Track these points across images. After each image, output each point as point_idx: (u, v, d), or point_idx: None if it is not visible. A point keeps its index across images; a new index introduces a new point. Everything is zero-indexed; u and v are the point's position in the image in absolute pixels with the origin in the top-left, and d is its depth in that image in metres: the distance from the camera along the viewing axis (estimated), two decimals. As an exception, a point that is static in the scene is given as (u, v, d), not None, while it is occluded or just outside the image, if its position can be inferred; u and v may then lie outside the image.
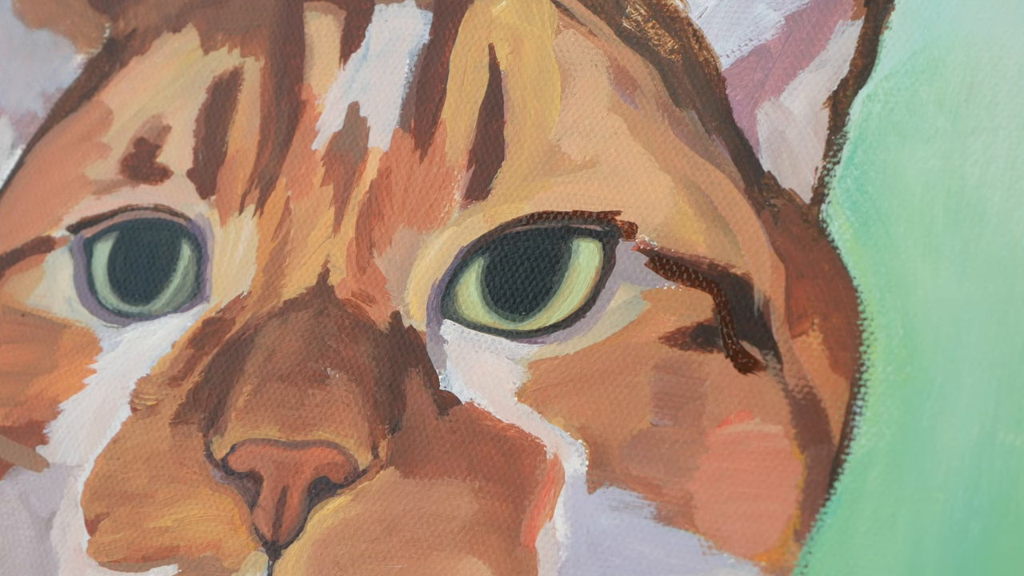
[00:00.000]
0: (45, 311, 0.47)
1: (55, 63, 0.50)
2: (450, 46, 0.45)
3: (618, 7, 0.44)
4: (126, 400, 0.44)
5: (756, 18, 0.43)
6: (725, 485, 0.39)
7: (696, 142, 0.42)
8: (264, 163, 0.45)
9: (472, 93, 0.44)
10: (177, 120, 0.47)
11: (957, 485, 0.38)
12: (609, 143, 0.42)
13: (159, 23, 0.49)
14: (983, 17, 0.40)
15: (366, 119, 0.44)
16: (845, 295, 0.40)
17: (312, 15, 0.46)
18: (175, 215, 0.46)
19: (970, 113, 0.40)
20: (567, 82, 0.43)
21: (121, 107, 0.48)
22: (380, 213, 0.43)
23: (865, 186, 0.40)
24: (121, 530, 0.43)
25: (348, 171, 0.44)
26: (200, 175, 0.46)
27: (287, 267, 0.43)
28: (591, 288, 0.41)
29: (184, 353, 0.44)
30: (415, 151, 0.44)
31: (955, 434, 0.38)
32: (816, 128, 0.41)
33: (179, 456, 0.42)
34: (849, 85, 0.41)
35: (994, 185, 0.39)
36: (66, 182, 0.48)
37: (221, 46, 0.47)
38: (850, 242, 0.40)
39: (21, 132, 0.50)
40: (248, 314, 0.43)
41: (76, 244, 0.47)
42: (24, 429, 0.45)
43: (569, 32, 0.44)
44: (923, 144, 0.40)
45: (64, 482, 0.44)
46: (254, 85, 0.46)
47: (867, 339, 0.39)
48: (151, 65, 0.48)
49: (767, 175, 0.42)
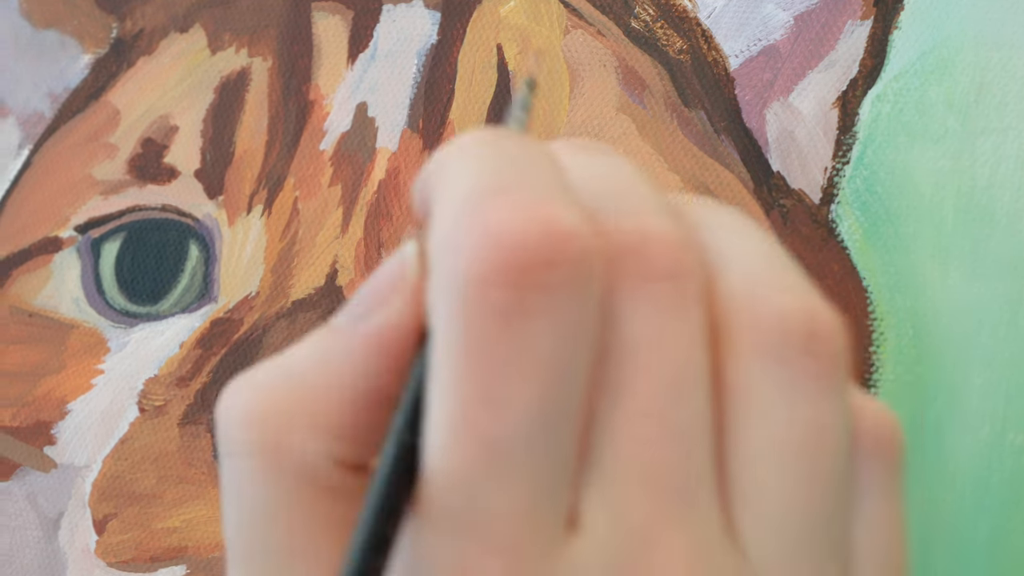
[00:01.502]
0: (53, 311, 0.47)
1: (62, 63, 0.50)
2: (458, 46, 0.44)
3: (627, 7, 0.44)
4: (134, 401, 0.44)
5: (765, 18, 0.42)
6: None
7: (705, 142, 0.42)
8: (272, 163, 0.45)
9: (480, 93, 0.44)
10: (185, 120, 0.47)
11: (967, 485, 0.38)
12: (618, 143, 0.42)
13: (166, 23, 0.49)
14: (992, 17, 0.40)
15: (374, 119, 0.44)
16: (855, 295, 0.40)
17: (320, 15, 0.46)
18: (183, 215, 0.46)
19: (980, 113, 0.40)
20: (575, 82, 0.43)
21: (128, 107, 0.48)
22: (388, 213, 0.43)
23: (874, 186, 0.40)
24: (129, 531, 0.43)
25: (356, 171, 0.44)
26: (208, 175, 0.46)
27: (295, 267, 0.43)
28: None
29: (192, 353, 0.44)
30: (423, 151, 0.43)
31: (965, 434, 0.38)
32: (825, 128, 0.41)
33: (187, 457, 0.42)
34: (858, 85, 0.41)
35: (1004, 185, 0.39)
36: (73, 182, 0.48)
37: (228, 46, 0.47)
38: (859, 242, 0.40)
39: (28, 132, 0.50)
40: (256, 315, 0.43)
41: (84, 244, 0.47)
42: (32, 430, 0.45)
43: (577, 32, 0.44)
44: (933, 144, 0.40)
45: (72, 483, 0.44)
46: (262, 85, 0.46)
47: (877, 339, 0.39)
48: (158, 65, 0.48)
49: (776, 175, 0.41)
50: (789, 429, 0.25)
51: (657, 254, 0.25)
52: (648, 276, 0.25)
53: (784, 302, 0.26)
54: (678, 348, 0.25)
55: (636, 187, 0.27)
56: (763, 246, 0.27)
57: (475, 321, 0.24)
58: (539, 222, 0.24)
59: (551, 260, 0.24)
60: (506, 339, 0.24)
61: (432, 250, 0.25)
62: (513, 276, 0.24)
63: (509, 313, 0.24)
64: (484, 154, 0.26)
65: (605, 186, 0.26)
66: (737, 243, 0.27)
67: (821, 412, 0.25)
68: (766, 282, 0.26)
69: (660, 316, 0.25)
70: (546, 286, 0.24)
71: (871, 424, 0.27)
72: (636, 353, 0.25)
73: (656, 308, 0.25)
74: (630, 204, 0.26)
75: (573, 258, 0.24)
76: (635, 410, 0.25)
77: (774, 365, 0.25)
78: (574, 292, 0.24)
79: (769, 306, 0.26)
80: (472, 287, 0.24)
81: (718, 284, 0.26)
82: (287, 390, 0.26)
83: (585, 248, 0.24)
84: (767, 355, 0.26)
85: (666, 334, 0.25)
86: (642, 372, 0.25)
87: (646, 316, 0.25)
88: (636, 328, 0.25)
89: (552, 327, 0.24)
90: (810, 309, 0.26)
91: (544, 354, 0.24)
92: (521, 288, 0.24)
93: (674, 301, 0.25)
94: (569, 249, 0.24)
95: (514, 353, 0.24)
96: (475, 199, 0.24)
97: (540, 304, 0.24)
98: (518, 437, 0.24)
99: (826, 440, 0.26)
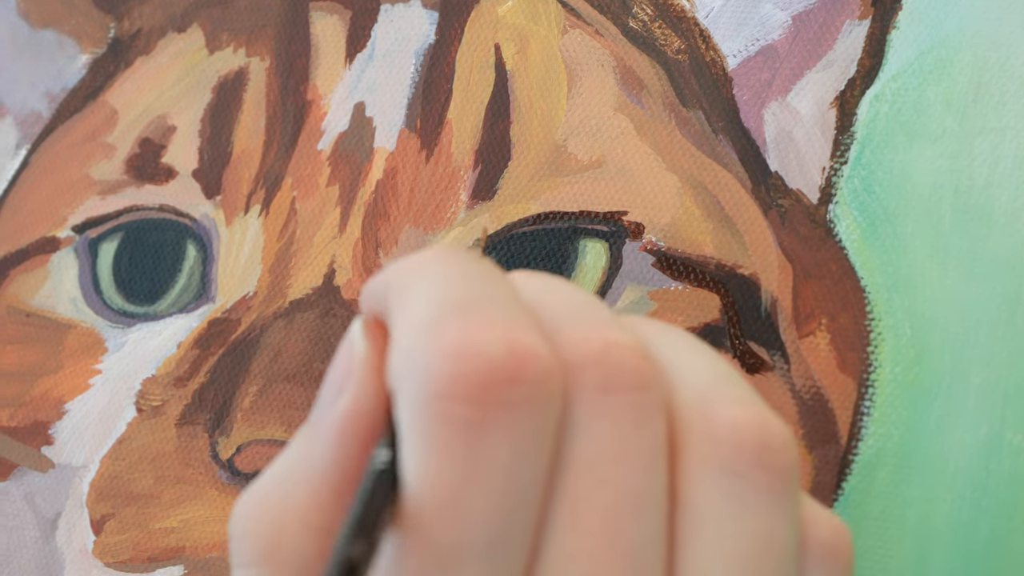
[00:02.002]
0: (50, 311, 0.47)
1: (60, 63, 0.50)
2: (456, 46, 0.44)
3: (624, 7, 0.44)
4: (132, 401, 0.44)
5: (763, 18, 0.42)
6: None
7: (703, 142, 0.42)
8: (269, 163, 0.45)
9: (478, 93, 0.44)
10: (182, 120, 0.47)
11: (965, 486, 0.38)
12: (616, 143, 0.42)
13: (164, 23, 0.49)
14: (991, 17, 0.40)
15: (372, 119, 0.44)
16: (852, 295, 0.40)
17: (317, 15, 0.46)
18: (180, 215, 0.46)
19: (978, 113, 0.40)
20: (573, 82, 0.43)
21: (126, 107, 0.48)
22: (386, 213, 0.43)
23: (872, 186, 0.40)
24: (127, 531, 0.43)
25: (354, 171, 0.44)
26: (205, 175, 0.46)
27: (293, 267, 0.43)
28: (598, 288, 0.41)
29: (190, 354, 0.44)
30: (421, 151, 0.43)
31: (963, 435, 0.38)
32: (823, 128, 0.41)
33: (185, 457, 0.42)
34: (856, 85, 0.41)
35: (1002, 185, 0.39)
36: (71, 182, 0.48)
37: (226, 46, 0.47)
38: (857, 242, 0.40)
39: (26, 132, 0.50)
40: (254, 314, 0.43)
41: (81, 244, 0.47)
42: (29, 430, 0.45)
43: (575, 32, 0.44)
44: (930, 144, 0.40)
45: (69, 483, 0.44)
46: (259, 85, 0.46)
47: (875, 339, 0.39)
48: (156, 65, 0.48)
49: (774, 175, 0.41)
50: (738, 541, 0.26)
51: (620, 364, 0.26)
52: (610, 388, 0.26)
53: (736, 414, 0.26)
54: (639, 462, 0.26)
55: (592, 305, 0.28)
56: (712, 360, 0.28)
57: (438, 433, 0.24)
58: (502, 341, 0.25)
59: (514, 378, 0.25)
60: (466, 451, 0.24)
61: (397, 364, 0.26)
62: (476, 392, 0.24)
63: (471, 427, 0.24)
64: (446, 272, 0.27)
65: (562, 305, 0.27)
66: (687, 357, 0.28)
67: (771, 524, 0.26)
68: (718, 395, 0.27)
69: (621, 429, 0.26)
70: (508, 403, 0.25)
71: (823, 533, 0.28)
72: (596, 466, 0.25)
73: (618, 421, 0.26)
74: (589, 319, 0.27)
75: (534, 378, 0.25)
76: (589, 525, 0.25)
77: (727, 478, 0.26)
78: (535, 409, 0.25)
79: (722, 418, 0.26)
80: (437, 401, 0.25)
81: (673, 397, 0.27)
82: (280, 495, 0.27)
83: (546, 368, 0.25)
84: (720, 468, 0.26)
85: (628, 448, 0.26)
86: (601, 486, 0.25)
87: (607, 429, 0.26)
88: (597, 441, 0.26)
89: (511, 441, 0.25)
90: (762, 421, 0.27)
91: (502, 467, 0.25)
92: (483, 404, 0.24)
93: (636, 413, 0.26)
94: (531, 368, 0.25)
95: (473, 465, 0.24)
96: (440, 316, 0.25)
97: (501, 419, 0.25)
98: (474, 545, 0.24)
99: (774, 551, 0.26)
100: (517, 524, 0.25)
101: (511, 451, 0.24)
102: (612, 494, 0.25)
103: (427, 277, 0.27)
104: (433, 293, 0.26)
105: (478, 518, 0.24)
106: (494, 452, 0.24)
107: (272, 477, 0.27)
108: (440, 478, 0.24)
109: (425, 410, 0.25)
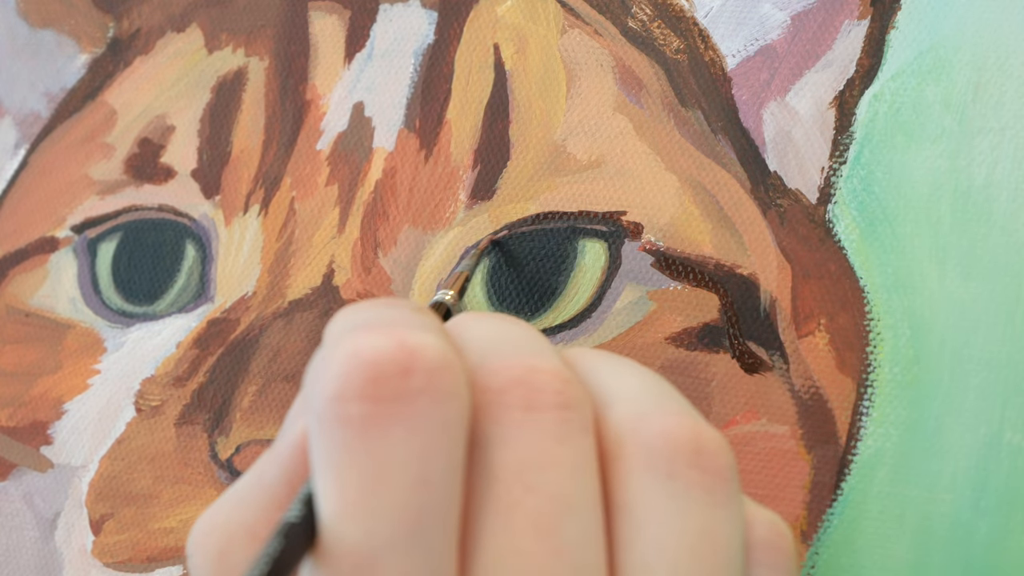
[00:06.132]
0: (49, 311, 0.47)
1: (59, 63, 0.50)
2: (455, 46, 0.44)
3: (624, 7, 0.44)
4: (131, 401, 0.44)
5: (762, 18, 0.42)
6: (731, 486, 0.39)
7: (702, 142, 0.42)
8: (269, 163, 0.45)
9: (477, 93, 0.44)
10: (181, 120, 0.47)
11: (964, 486, 0.38)
12: (615, 143, 0.42)
13: (163, 23, 0.49)
14: (990, 17, 0.40)
15: (371, 119, 0.44)
16: (851, 295, 0.40)
17: (316, 15, 0.46)
18: (179, 215, 0.46)
19: (977, 113, 0.40)
20: (572, 82, 0.43)
21: (125, 107, 0.48)
22: (385, 213, 0.43)
23: (871, 186, 0.40)
24: (126, 531, 0.43)
25: (353, 171, 0.44)
26: (204, 175, 0.46)
27: (292, 267, 0.43)
28: (597, 288, 0.41)
29: (189, 354, 0.44)
30: (420, 151, 0.43)
31: (962, 435, 0.38)
32: (822, 128, 0.41)
33: (184, 457, 0.42)
34: (855, 85, 0.41)
35: (1001, 185, 0.39)
36: (70, 182, 0.48)
37: (225, 46, 0.47)
38: (856, 242, 0.40)
39: (25, 132, 0.50)
40: (253, 314, 0.43)
41: (80, 244, 0.47)
42: (28, 430, 0.45)
43: (574, 32, 0.44)
44: (929, 144, 0.40)
45: (68, 483, 0.44)
46: (258, 85, 0.46)
47: (874, 339, 0.39)
48: (155, 65, 0.48)
49: (773, 175, 0.41)
50: (681, 538, 0.26)
51: (541, 387, 0.26)
52: (532, 407, 0.26)
53: (669, 423, 0.27)
54: (564, 470, 0.26)
55: (526, 335, 0.28)
56: (646, 379, 0.29)
57: (336, 436, 0.25)
58: (392, 339, 0.25)
59: (406, 369, 0.25)
60: (365, 450, 0.25)
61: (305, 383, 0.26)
62: (369, 388, 0.25)
63: (367, 424, 0.25)
64: (365, 306, 0.27)
65: (496, 337, 0.28)
66: (625, 380, 0.28)
67: (712, 522, 0.26)
68: (651, 409, 0.28)
69: (545, 442, 0.26)
70: (403, 395, 0.25)
71: (764, 533, 0.28)
72: (522, 475, 0.26)
73: (541, 436, 0.26)
74: (515, 349, 0.27)
75: (428, 366, 0.25)
76: (522, 527, 0.25)
77: (664, 479, 0.27)
78: (434, 399, 0.25)
79: (656, 427, 0.27)
80: (330, 404, 0.25)
81: (605, 416, 0.27)
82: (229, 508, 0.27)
83: (440, 357, 0.25)
84: (656, 471, 0.27)
85: (553, 457, 0.26)
86: (530, 492, 0.26)
87: (531, 442, 0.26)
88: (521, 451, 0.26)
89: (413, 434, 0.25)
90: (695, 428, 0.27)
91: (407, 462, 0.25)
92: (377, 399, 0.25)
93: (559, 428, 0.26)
94: (422, 357, 0.25)
95: (376, 463, 0.25)
96: (341, 333, 0.26)
97: (398, 413, 0.25)
98: (387, 543, 0.24)
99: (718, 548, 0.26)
100: (434, 519, 0.25)
101: (416, 444, 0.25)
102: (542, 498, 0.25)
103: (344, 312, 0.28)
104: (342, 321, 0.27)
105: (388, 516, 0.24)
106: (396, 447, 0.24)
107: (226, 498, 0.28)
108: (346, 482, 0.24)
109: (322, 417, 0.25)
